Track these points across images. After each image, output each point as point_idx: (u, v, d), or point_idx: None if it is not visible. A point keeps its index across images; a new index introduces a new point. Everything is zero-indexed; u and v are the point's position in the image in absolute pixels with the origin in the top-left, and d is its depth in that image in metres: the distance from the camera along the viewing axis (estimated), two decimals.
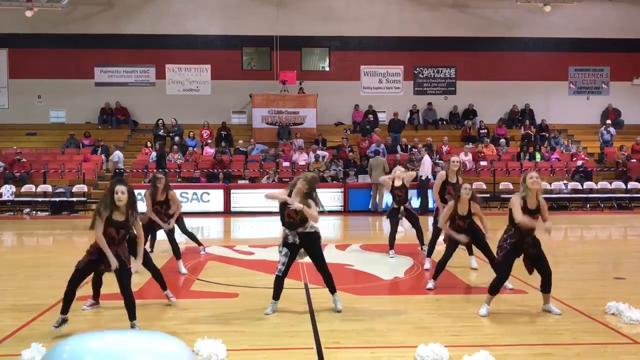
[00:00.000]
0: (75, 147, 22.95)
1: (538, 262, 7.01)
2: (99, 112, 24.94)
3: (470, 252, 9.79)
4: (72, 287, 6.37)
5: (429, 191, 18.12)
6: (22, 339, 6.14)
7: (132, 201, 6.33)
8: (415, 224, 10.88)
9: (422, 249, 10.93)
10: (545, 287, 7.08)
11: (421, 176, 18.37)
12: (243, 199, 19.23)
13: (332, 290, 7.25)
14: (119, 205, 6.24)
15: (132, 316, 6.37)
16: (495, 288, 7.04)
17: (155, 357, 2.85)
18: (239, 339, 6.19)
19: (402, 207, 10.71)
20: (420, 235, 10.99)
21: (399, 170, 11.00)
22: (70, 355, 2.79)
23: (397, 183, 10.74)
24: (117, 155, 21.27)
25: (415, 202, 18.23)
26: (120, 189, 6.24)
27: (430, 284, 8.30)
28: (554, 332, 6.37)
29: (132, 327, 6.31)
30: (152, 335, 3.13)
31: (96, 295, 7.36)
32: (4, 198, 19.62)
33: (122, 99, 24.99)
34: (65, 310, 6.39)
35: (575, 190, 20.59)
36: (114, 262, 6.26)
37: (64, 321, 6.40)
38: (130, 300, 6.40)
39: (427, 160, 19.05)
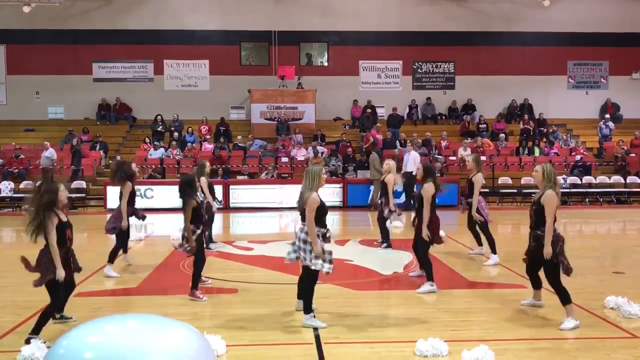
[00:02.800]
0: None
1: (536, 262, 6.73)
2: (97, 108, 24.90)
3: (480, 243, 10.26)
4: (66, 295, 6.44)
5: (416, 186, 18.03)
6: (21, 335, 6.13)
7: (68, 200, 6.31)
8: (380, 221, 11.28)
9: (380, 242, 11.41)
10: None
11: (411, 172, 18.16)
12: (242, 194, 19.22)
13: (300, 297, 7.00)
14: (64, 204, 6.19)
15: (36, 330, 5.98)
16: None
17: (160, 350, 2.71)
18: (238, 334, 6.20)
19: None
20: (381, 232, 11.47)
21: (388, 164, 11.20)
22: (67, 350, 2.69)
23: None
24: (51, 152, 20.79)
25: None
26: (61, 187, 6.14)
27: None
28: (553, 326, 6.37)
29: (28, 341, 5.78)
30: (157, 323, 2.95)
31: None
32: (3, 194, 19.62)
33: (121, 95, 24.94)
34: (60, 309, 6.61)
35: (574, 185, 20.60)
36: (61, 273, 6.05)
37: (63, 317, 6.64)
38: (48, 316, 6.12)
39: (414, 156, 18.71)
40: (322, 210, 6.43)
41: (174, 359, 2.68)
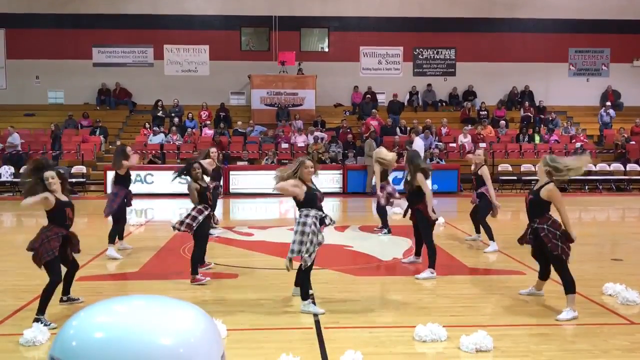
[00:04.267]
0: (73, 128, 22.88)
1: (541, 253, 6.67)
2: (97, 92, 24.85)
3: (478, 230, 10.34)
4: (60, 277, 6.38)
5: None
6: (23, 318, 6.19)
7: (65, 182, 6.39)
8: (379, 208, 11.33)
9: (380, 229, 11.48)
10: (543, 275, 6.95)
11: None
12: (242, 180, 19.22)
13: (297, 284, 7.06)
14: (54, 189, 6.19)
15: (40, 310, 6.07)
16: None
17: (168, 330, 2.74)
18: (238, 319, 6.24)
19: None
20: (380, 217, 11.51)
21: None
22: (77, 331, 2.73)
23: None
24: (15, 137, 20.78)
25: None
26: (50, 174, 6.17)
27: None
28: (552, 313, 6.41)
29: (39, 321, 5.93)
30: (165, 304, 2.99)
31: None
32: (3, 179, 19.63)
33: (120, 80, 24.86)
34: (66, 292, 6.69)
35: None
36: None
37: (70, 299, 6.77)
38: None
39: (417, 143, 18.67)
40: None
41: (182, 338, 2.71)
